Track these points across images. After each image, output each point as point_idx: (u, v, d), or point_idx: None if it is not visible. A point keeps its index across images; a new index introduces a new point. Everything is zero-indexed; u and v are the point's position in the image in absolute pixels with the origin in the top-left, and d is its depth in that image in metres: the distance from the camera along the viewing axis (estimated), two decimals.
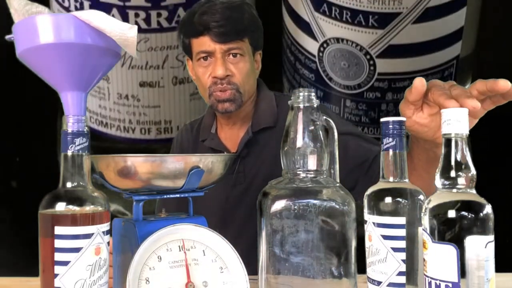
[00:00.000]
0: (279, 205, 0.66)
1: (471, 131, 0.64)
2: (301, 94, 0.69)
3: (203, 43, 1.08)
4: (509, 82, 0.71)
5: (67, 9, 1.72)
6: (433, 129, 0.80)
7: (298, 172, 0.68)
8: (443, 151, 0.59)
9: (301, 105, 0.68)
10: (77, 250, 0.59)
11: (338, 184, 0.70)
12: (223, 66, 1.07)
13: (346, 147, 1.06)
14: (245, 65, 1.10)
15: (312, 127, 0.68)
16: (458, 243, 0.55)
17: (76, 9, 1.71)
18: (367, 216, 0.68)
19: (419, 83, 0.75)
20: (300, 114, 0.68)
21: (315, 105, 0.69)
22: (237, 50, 1.08)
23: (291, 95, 0.70)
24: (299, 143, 0.67)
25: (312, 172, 0.67)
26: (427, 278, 0.59)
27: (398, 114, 0.78)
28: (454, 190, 0.58)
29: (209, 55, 1.09)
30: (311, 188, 0.67)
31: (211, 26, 1.05)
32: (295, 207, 0.66)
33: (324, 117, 0.71)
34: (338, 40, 1.95)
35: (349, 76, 1.76)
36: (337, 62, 1.77)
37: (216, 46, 1.07)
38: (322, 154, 0.68)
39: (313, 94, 0.69)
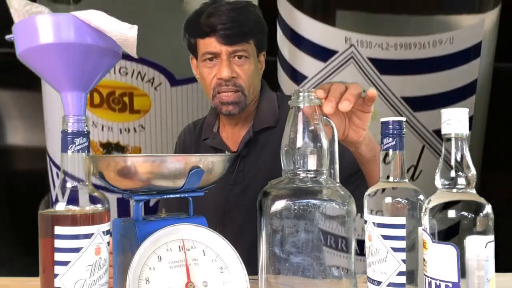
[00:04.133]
0: (279, 205, 0.66)
1: None
2: (301, 94, 0.69)
3: (209, 44, 1.09)
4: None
5: None
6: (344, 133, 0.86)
7: (298, 172, 0.68)
8: (443, 151, 0.59)
9: (301, 105, 0.68)
10: (77, 250, 0.59)
11: (338, 184, 0.70)
12: (228, 68, 1.08)
13: (343, 156, 1.06)
14: (250, 67, 1.11)
15: (312, 127, 0.68)
16: (458, 243, 0.55)
17: None
18: (367, 216, 0.68)
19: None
20: (300, 114, 0.68)
21: (315, 105, 0.69)
22: (242, 52, 1.10)
23: (292, 95, 0.70)
24: (299, 143, 0.67)
25: (312, 172, 0.67)
26: (427, 278, 0.59)
27: None
28: (454, 190, 0.58)
29: (214, 56, 1.10)
30: (311, 188, 0.67)
31: (218, 28, 1.07)
32: (295, 207, 0.66)
33: (324, 117, 0.71)
34: None
35: None
36: None
37: (222, 48, 1.08)
38: (322, 154, 0.68)
39: (313, 94, 0.69)
